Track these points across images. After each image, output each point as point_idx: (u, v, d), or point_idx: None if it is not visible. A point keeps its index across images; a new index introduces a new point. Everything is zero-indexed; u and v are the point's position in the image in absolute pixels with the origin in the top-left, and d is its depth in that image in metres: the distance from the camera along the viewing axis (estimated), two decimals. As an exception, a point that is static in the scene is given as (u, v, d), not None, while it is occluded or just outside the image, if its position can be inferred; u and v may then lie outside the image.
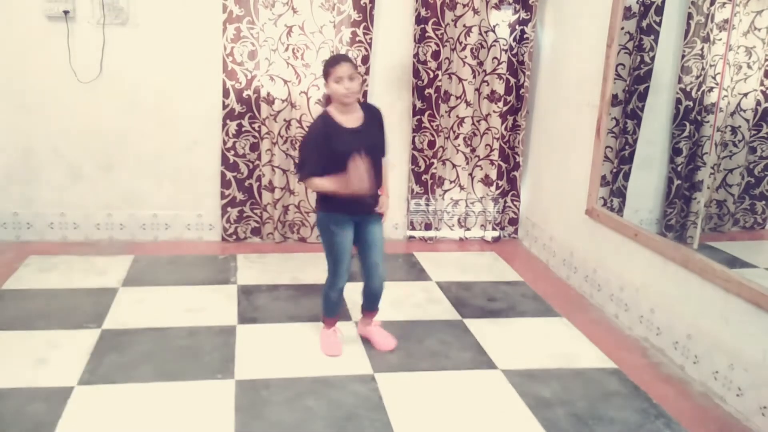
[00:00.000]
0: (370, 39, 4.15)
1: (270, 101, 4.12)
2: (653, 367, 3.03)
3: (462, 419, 2.56)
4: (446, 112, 4.38)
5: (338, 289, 2.92)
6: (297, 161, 2.83)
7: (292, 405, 2.59)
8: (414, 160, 4.44)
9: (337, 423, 2.49)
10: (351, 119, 2.74)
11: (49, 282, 3.61)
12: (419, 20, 4.18)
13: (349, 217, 2.81)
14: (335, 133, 2.69)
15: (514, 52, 4.32)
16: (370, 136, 2.77)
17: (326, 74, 2.69)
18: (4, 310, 3.27)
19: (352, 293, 3.58)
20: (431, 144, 4.38)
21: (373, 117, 2.82)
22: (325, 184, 2.69)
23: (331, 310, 3.01)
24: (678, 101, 3.33)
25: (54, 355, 2.87)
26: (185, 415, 2.51)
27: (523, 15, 4.25)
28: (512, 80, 4.36)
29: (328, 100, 2.81)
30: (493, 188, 4.53)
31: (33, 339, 3.00)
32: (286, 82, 4.11)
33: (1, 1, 3.85)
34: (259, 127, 4.18)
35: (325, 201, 2.82)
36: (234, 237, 4.37)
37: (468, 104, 4.36)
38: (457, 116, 4.39)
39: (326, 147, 2.67)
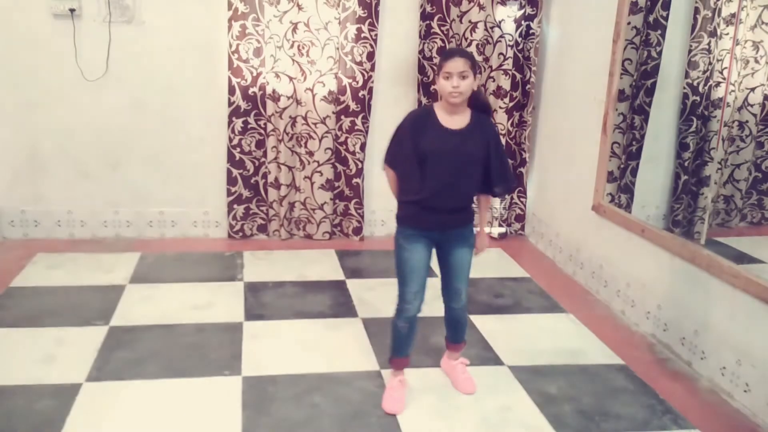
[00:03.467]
0: (376, 35, 4.14)
1: (275, 98, 4.13)
2: (660, 363, 3.02)
3: (469, 416, 2.56)
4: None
5: (406, 318, 2.52)
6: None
7: (299, 401, 2.60)
8: (420, 157, 4.43)
9: (344, 419, 2.50)
10: (454, 121, 2.41)
11: (56, 279, 3.63)
12: (425, 16, 4.17)
13: (425, 233, 2.48)
14: (430, 127, 2.40)
15: (520, 47, 4.31)
16: (467, 143, 2.40)
17: (438, 68, 2.39)
18: (13, 308, 3.28)
19: (359, 289, 3.57)
20: (437, 140, 4.37)
21: (478, 127, 2.44)
22: (391, 184, 2.55)
23: (399, 346, 2.61)
24: (685, 96, 3.32)
25: (62, 352, 2.88)
26: (192, 411, 2.52)
27: (528, 10, 4.23)
28: (518, 76, 4.35)
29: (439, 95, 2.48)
30: (499, 184, 4.51)
31: (41, 336, 3.02)
32: (291, 79, 4.12)
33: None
34: (265, 124, 4.18)
35: (399, 210, 2.54)
36: (240, 234, 4.37)
37: (474, 100, 4.35)
38: (463, 112, 4.38)
39: (413, 140, 2.40)
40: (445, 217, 2.47)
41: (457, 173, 2.41)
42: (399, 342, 2.60)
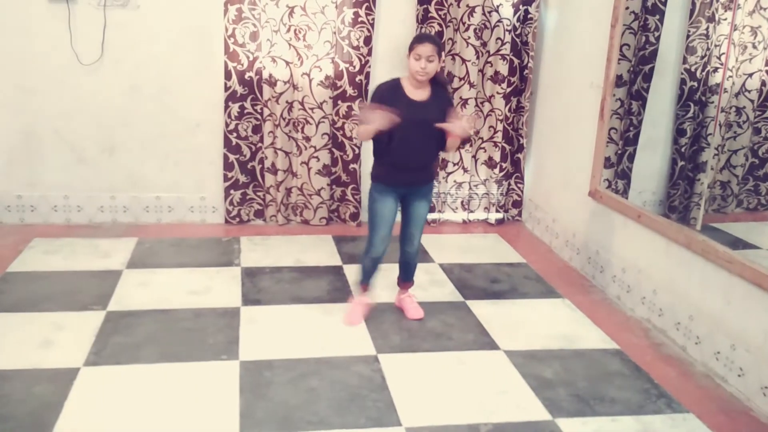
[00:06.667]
0: (373, 19, 4.12)
1: (272, 83, 4.11)
2: (655, 348, 3.04)
3: (464, 400, 2.58)
4: (450, 93, 4.35)
5: (372, 258, 3.04)
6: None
7: (296, 385, 2.61)
8: (417, 142, 4.42)
9: (341, 403, 2.52)
10: (418, 93, 2.86)
11: (53, 264, 3.63)
12: (422, 0, 4.15)
13: (393, 188, 2.94)
14: (397, 99, 2.81)
15: (518, 32, 4.29)
16: (429, 112, 2.84)
17: (410, 48, 2.81)
18: (10, 293, 3.29)
19: (355, 274, 3.58)
20: (434, 126, 4.37)
21: (438, 98, 2.90)
22: (362, 126, 2.83)
23: (364, 276, 3.16)
24: (682, 82, 3.31)
25: (60, 337, 2.89)
26: (190, 395, 2.53)
27: (526, -5, 4.21)
28: (516, 61, 4.33)
29: None
30: (496, 170, 4.52)
31: (39, 321, 3.02)
32: (288, 63, 4.09)
33: (2, -17, 3.84)
34: (261, 109, 4.17)
35: (373, 169, 2.99)
36: (237, 219, 4.37)
37: (471, 85, 4.34)
38: (461, 98, 4.37)
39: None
40: (411, 175, 2.94)
41: (421, 138, 2.85)
42: (366, 274, 3.13)
